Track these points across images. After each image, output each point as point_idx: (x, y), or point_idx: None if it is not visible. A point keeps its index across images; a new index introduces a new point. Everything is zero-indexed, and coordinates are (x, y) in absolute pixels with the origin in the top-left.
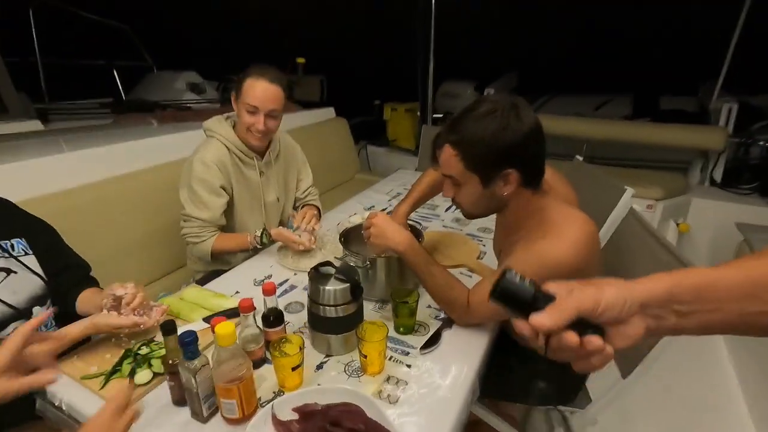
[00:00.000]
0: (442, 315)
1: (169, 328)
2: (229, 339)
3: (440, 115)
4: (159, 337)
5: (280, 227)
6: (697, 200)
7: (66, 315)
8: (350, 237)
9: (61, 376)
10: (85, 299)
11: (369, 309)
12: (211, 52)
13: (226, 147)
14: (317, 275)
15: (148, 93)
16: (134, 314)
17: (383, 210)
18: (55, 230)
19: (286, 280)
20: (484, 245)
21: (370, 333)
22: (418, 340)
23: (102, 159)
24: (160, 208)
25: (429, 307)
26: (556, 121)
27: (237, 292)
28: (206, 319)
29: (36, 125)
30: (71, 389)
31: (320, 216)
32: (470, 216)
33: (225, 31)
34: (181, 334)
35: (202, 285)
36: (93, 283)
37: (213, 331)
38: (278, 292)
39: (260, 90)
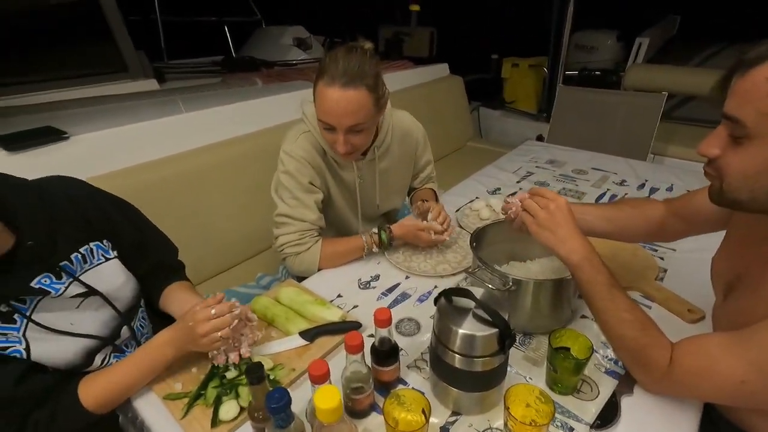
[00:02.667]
0: (617, 366)
1: (256, 374)
2: (332, 415)
3: (574, 72)
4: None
5: (402, 220)
6: None
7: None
8: (482, 240)
9: (147, 391)
10: (171, 296)
11: None
12: (319, 4)
13: (320, 143)
14: (448, 307)
15: (256, 49)
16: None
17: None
18: (141, 215)
19: (397, 285)
20: (662, 258)
21: (525, 411)
22: (581, 405)
23: (207, 122)
24: (259, 178)
25: (595, 351)
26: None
27: (339, 296)
28: (305, 335)
29: (153, 84)
30: (153, 409)
31: (438, 200)
32: (723, 198)
33: None
34: (269, 396)
35: (300, 280)
36: (180, 273)
37: (310, 379)
38: (388, 302)
39: (333, 102)
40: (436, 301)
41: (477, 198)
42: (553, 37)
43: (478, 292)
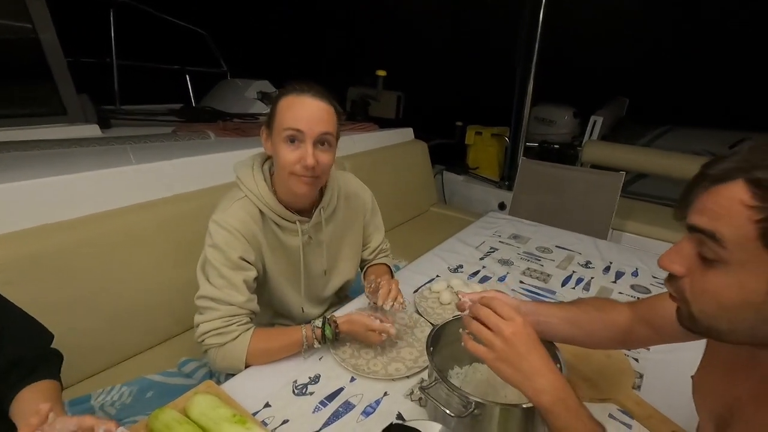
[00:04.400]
0: None
1: None
2: None
3: (535, 144)
4: None
5: (351, 313)
6: None
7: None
8: (442, 339)
9: None
10: (19, 404)
11: None
12: (286, 61)
13: (258, 208)
14: None
15: (218, 101)
16: None
17: (475, 275)
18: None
19: (339, 391)
20: (636, 360)
21: None
22: None
23: (146, 178)
24: (195, 242)
25: None
26: (674, 160)
27: (267, 406)
28: None
29: (94, 130)
30: None
31: (393, 277)
32: (695, 325)
33: (302, 39)
34: None
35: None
36: (40, 371)
37: None
38: (326, 415)
39: (304, 109)
40: None
41: (438, 276)
42: (515, 109)
43: (431, 428)
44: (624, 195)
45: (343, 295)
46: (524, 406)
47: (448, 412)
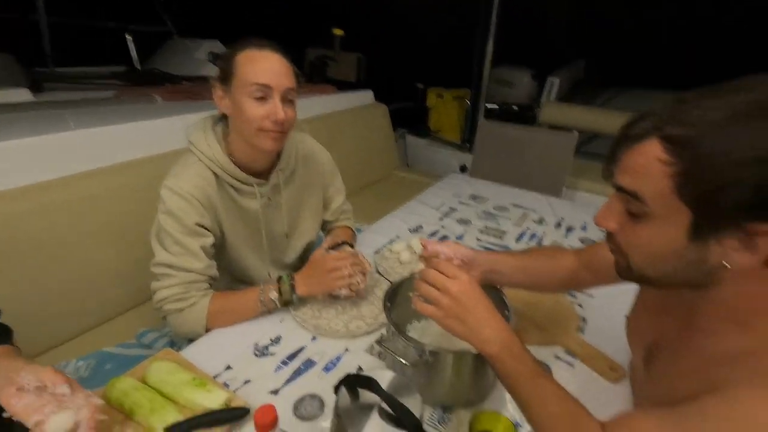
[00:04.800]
0: None
1: None
2: None
3: (494, 106)
4: None
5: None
6: None
7: None
8: (399, 296)
9: None
10: None
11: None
12: (238, 19)
13: (213, 172)
14: (349, 406)
15: (165, 63)
16: None
17: (434, 235)
18: None
19: (301, 350)
20: (581, 306)
21: None
22: None
23: (89, 144)
24: (147, 212)
25: (518, 425)
26: (626, 120)
27: (228, 368)
28: (172, 431)
29: (24, 95)
30: None
31: (354, 241)
32: (631, 274)
33: None
34: None
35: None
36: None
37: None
38: (288, 373)
39: (269, 62)
40: (336, 389)
41: (398, 237)
42: (474, 71)
43: (385, 376)
44: (579, 155)
45: (306, 258)
46: (475, 352)
47: (403, 361)
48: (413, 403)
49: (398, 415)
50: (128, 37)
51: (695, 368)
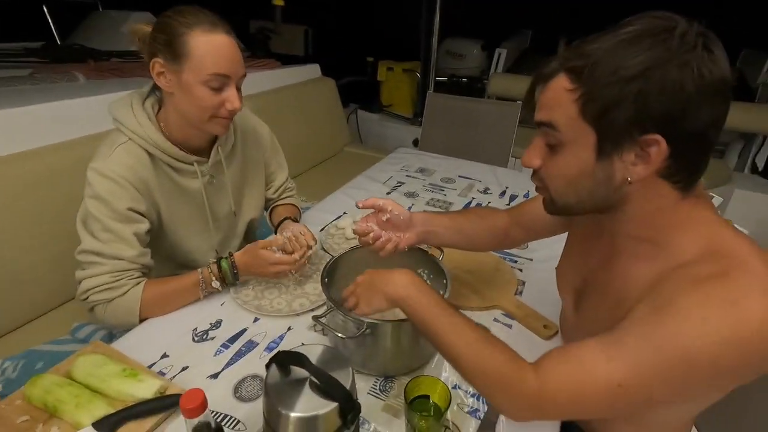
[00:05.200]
0: (479, 402)
1: None
2: None
3: (443, 78)
4: None
5: (249, 245)
6: (739, 192)
7: None
8: (339, 272)
9: None
10: None
11: (366, 388)
12: None
13: (146, 152)
14: (279, 382)
15: (89, 37)
16: None
17: None
18: None
19: (242, 332)
20: (521, 270)
21: None
22: None
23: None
24: (75, 198)
25: (457, 388)
26: None
27: (165, 356)
28: (101, 426)
29: None
30: None
31: (300, 217)
32: (555, 206)
33: None
34: None
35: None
36: None
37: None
38: (228, 357)
39: (226, 48)
40: (267, 368)
41: (345, 213)
42: (423, 43)
43: (316, 350)
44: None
45: (251, 237)
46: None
47: (339, 334)
48: (344, 375)
49: (327, 387)
50: (45, 10)
51: (621, 296)
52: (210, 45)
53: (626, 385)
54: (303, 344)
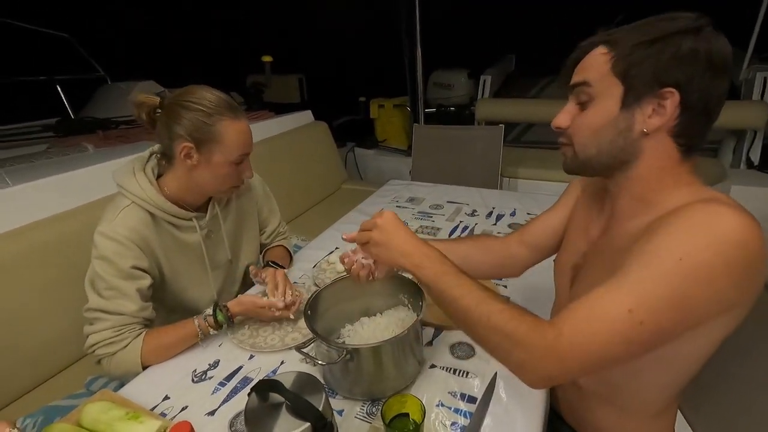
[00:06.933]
0: (461, 421)
1: None
2: None
3: (432, 110)
4: None
5: (240, 296)
6: (737, 187)
7: None
8: (325, 303)
9: None
10: None
11: (353, 412)
12: (173, 57)
13: (148, 212)
14: (257, 408)
15: (100, 109)
16: None
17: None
18: None
19: (238, 369)
20: (505, 286)
21: None
22: None
23: (21, 200)
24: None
25: (440, 405)
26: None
27: (166, 398)
28: None
29: None
30: None
31: (291, 258)
32: (576, 160)
33: (186, 31)
34: None
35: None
36: None
37: None
38: (225, 394)
39: (246, 134)
40: (249, 396)
41: (337, 248)
42: (408, 78)
43: (291, 377)
44: (516, 145)
45: (250, 281)
46: (390, 337)
47: (319, 361)
48: (317, 397)
49: (300, 409)
50: (59, 88)
51: (618, 252)
52: (238, 132)
53: (636, 309)
54: (276, 372)
